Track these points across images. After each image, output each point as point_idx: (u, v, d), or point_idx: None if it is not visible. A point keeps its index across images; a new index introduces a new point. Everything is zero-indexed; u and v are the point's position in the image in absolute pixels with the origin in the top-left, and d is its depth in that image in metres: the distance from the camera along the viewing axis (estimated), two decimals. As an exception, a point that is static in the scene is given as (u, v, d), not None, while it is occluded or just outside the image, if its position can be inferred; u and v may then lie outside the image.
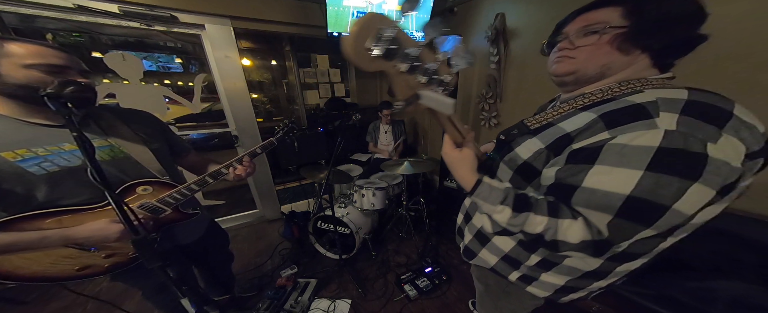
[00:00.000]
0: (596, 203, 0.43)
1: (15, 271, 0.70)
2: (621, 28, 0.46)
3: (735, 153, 0.37)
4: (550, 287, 0.63)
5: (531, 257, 0.62)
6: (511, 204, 0.51)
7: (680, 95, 0.40)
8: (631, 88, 0.47)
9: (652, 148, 0.38)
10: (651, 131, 0.39)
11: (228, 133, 2.25)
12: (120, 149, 0.80)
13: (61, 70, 0.65)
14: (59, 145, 0.69)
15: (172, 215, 0.89)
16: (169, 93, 1.97)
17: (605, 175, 0.42)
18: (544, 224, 0.47)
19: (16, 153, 0.64)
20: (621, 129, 0.41)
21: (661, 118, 0.39)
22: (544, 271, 0.61)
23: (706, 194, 0.38)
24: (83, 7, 1.51)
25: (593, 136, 0.44)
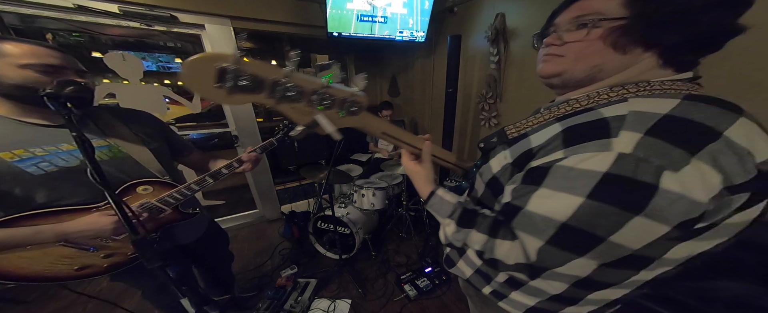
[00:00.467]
0: (532, 226, 0.40)
1: (14, 271, 0.70)
2: (618, 20, 0.38)
3: (702, 184, 0.31)
4: (521, 306, 0.59)
5: (499, 273, 0.59)
6: (456, 219, 0.51)
7: (662, 108, 0.33)
8: (620, 95, 0.40)
9: (598, 174, 0.34)
10: (602, 153, 0.34)
11: (228, 133, 2.25)
12: (119, 149, 0.80)
13: (56, 70, 0.64)
14: (57, 146, 0.69)
15: (172, 214, 0.89)
16: (169, 93, 1.97)
17: (547, 199, 0.39)
18: (482, 243, 0.47)
19: (13, 153, 0.64)
20: (574, 149, 0.37)
21: (620, 138, 0.33)
22: (513, 289, 0.58)
23: (653, 229, 0.34)
24: (83, 7, 1.51)
25: (549, 155, 0.39)
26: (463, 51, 1.98)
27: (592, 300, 0.51)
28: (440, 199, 0.56)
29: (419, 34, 2.29)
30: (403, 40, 2.29)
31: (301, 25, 2.15)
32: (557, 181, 0.38)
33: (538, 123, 0.48)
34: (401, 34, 2.24)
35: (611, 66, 0.41)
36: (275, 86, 0.41)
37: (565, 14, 0.44)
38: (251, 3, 1.92)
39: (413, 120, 3.19)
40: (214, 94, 0.38)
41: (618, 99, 0.39)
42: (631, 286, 0.47)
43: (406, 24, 2.20)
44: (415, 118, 3.16)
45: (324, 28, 2.03)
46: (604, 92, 0.41)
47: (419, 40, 2.33)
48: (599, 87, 0.43)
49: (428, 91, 2.76)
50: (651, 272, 0.44)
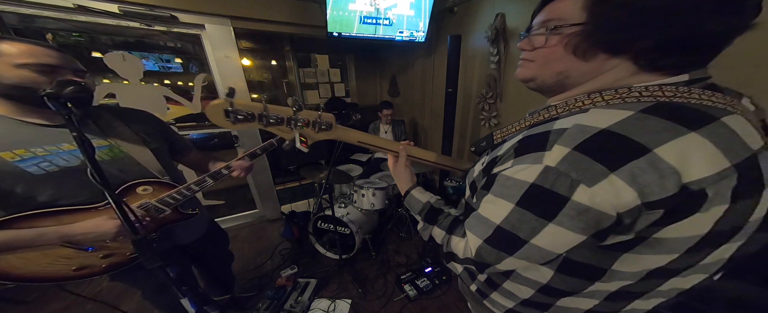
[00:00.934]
0: (477, 227, 0.46)
1: (11, 271, 0.70)
2: (576, 25, 0.37)
3: (613, 199, 0.32)
4: (501, 307, 0.61)
5: (480, 274, 0.62)
6: (423, 215, 0.59)
7: (607, 121, 0.33)
8: (591, 102, 0.39)
9: (526, 184, 0.37)
10: (533, 166, 0.37)
11: (228, 133, 2.25)
12: (119, 149, 0.80)
13: (54, 70, 0.64)
14: (58, 146, 0.69)
15: (172, 215, 0.89)
16: (169, 93, 1.97)
17: (490, 204, 0.44)
18: (441, 237, 0.54)
19: (14, 153, 0.64)
20: (518, 159, 0.39)
21: (551, 152, 0.35)
22: (493, 289, 0.61)
23: (566, 236, 0.36)
24: (83, 7, 1.51)
25: (504, 163, 0.42)
26: (463, 51, 1.98)
27: (563, 308, 0.52)
28: (412, 197, 0.64)
29: (419, 34, 2.29)
30: (403, 40, 2.29)
31: (301, 25, 2.15)
32: (499, 188, 0.42)
33: (515, 130, 0.50)
34: (401, 34, 2.24)
35: (576, 73, 0.41)
36: (261, 117, 0.58)
37: (538, 17, 0.43)
38: (251, 3, 1.92)
39: (413, 120, 3.19)
40: (226, 125, 0.56)
41: (579, 110, 0.39)
42: (596, 296, 0.47)
43: (414, 26, 2.20)
44: (415, 118, 3.16)
45: (324, 28, 2.03)
46: (580, 99, 0.40)
47: (419, 40, 2.33)
48: (578, 93, 0.42)
49: (428, 91, 2.76)
50: (607, 283, 0.44)
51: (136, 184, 0.80)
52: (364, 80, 3.51)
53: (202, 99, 2.09)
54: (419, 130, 3.18)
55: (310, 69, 3.17)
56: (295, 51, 2.96)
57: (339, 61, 3.34)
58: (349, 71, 3.43)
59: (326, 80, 3.28)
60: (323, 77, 3.25)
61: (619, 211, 0.33)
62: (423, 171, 1.96)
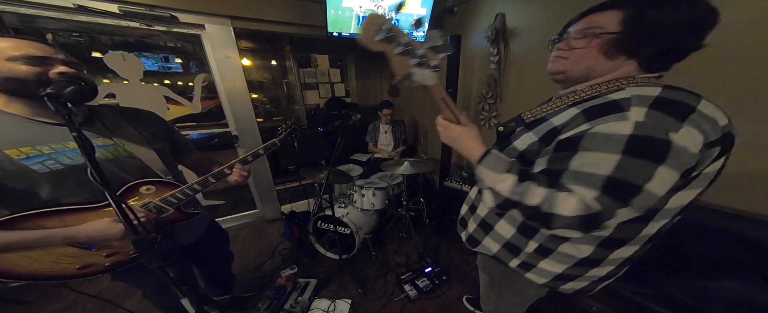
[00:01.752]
0: (582, 181, 0.47)
1: (15, 269, 0.70)
2: (612, 34, 0.50)
3: (693, 141, 0.42)
4: (548, 274, 0.65)
5: (529, 243, 0.65)
6: (517, 173, 0.54)
7: (653, 92, 0.46)
8: (617, 86, 0.51)
9: (625, 136, 0.43)
10: (623, 122, 0.44)
11: (228, 133, 2.25)
12: (124, 148, 0.80)
13: (42, 61, 0.64)
14: (64, 144, 0.69)
15: (174, 214, 0.89)
16: (169, 93, 1.97)
17: (587, 159, 0.47)
18: (543, 195, 0.50)
19: (20, 151, 0.64)
20: (598, 121, 0.47)
21: (632, 111, 0.44)
22: (542, 258, 0.64)
23: (671, 176, 0.43)
24: (83, 7, 1.51)
25: (576, 128, 0.49)
26: (463, 51, 1.98)
27: (611, 260, 0.60)
28: (496, 156, 0.57)
29: (419, 34, 2.29)
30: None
31: (301, 25, 2.15)
32: (593, 143, 0.46)
33: (552, 109, 0.59)
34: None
35: (601, 69, 0.54)
36: (399, 43, 0.55)
37: (577, 24, 0.56)
38: (251, 3, 1.92)
39: (413, 120, 3.19)
40: (369, 40, 0.53)
41: (616, 88, 0.51)
42: (640, 241, 0.57)
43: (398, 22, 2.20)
44: (415, 118, 3.16)
45: (324, 28, 2.03)
46: (603, 85, 0.53)
47: (419, 40, 2.32)
48: (598, 81, 0.55)
49: (428, 91, 2.76)
50: (656, 223, 0.54)
51: (139, 183, 0.80)
52: (364, 80, 3.50)
53: (202, 99, 2.09)
54: (419, 131, 3.18)
55: (310, 69, 3.16)
56: (295, 51, 2.96)
57: (339, 61, 3.34)
58: (349, 71, 3.43)
59: (326, 80, 3.27)
60: (323, 77, 3.25)
61: (697, 150, 0.43)
62: (423, 171, 1.96)
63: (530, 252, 0.65)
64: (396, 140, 2.77)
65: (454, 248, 2.07)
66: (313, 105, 3.29)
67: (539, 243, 0.63)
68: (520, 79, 1.85)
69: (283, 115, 3.27)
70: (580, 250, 0.59)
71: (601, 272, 0.62)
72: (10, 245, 0.66)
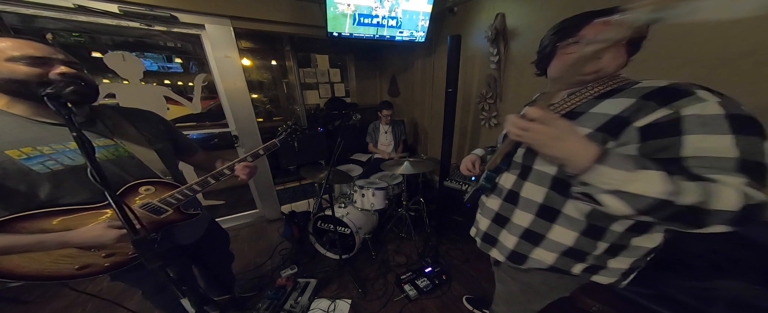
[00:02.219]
0: (716, 166, 0.42)
1: (15, 269, 0.70)
2: (640, 38, 0.56)
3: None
4: (617, 273, 0.63)
5: (598, 244, 0.60)
6: (657, 168, 0.42)
7: (668, 82, 0.50)
8: (624, 81, 0.58)
9: (722, 115, 0.42)
10: (705, 102, 0.44)
11: (228, 133, 2.25)
12: (124, 149, 0.80)
13: (42, 61, 0.64)
14: (64, 144, 0.69)
15: (174, 215, 0.89)
16: (169, 93, 1.97)
17: (701, 142, 0.43)
18: (698, 192, 0.40)
19: (21, 151, 0.64)
20: (677, 104, 0.46)
21: (698, 93, 0.45)
22: (612, 257, 0.61)
23: None
24: (83, 7, 1.51)
25: (653, 113, 0.48)
26: (463, 51, 1.98)
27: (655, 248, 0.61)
28: (619, 155, 0.45)
29: (419, 34, 2.29)
30: (403, 40, 2.29)
31: (301, 25, 2.15)
32: (698, 127, 0.44)
33: (576, 103, 0.61)
34: (401, 34, 2.24)
35: (623, 64, 0.60)
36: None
37: (590, 28, 0.57)
38: (251, 3, 1.92)
39: (413, 120, 3.19)
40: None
41: (628, 82, 0.57)
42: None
43: (415, 25, 2.20)
44: (415, 118, 3.16)
45: (324, 28, 2.03)
46: (608, 80, 0.59)
47: (419, 40, 2.33)
48: (601, 77, 0.60)
49: (428, 91, 2.76)
50: None
51: (139, 184, 0.80)
52: (364, 80, 3.50)
53: (202, 99, 2.09)
54: (419, 131, 3.18)
55: (310, 69, 3.16)
56: (295, 51, 2.95)
57: (339, 61, 3.34)
58: (349, 71, 3.43)
59: (326, 80, 3.27)
60: (323, 77, 3.25)
61: None
62: (423, 171, 1.96)
63: (599, 254, 0.61)
64: (396, 141, 2.77)
65: (454, 248, 2.07)
66: (313, 105, 3.29)
67: (610, 243, 0.59)
68: (520, 79, 1.85)
69: (283, 115, 3.27)
70: (653, 240, 0.59)
71: (646, 258, 0.64)
72: (4, 249, 0.66)
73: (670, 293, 1.16)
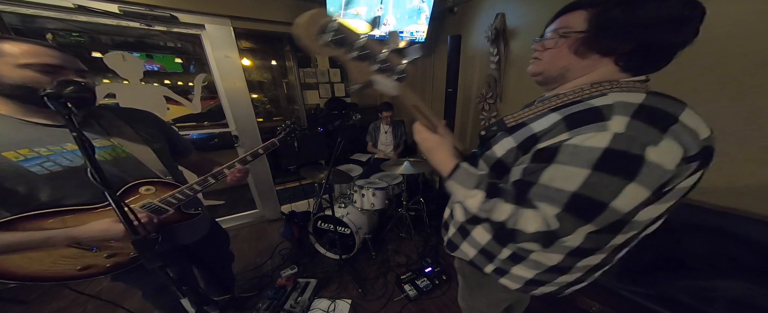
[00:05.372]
0: (546, 197, 0.46)
1: (16, 270, 0.70)
2: (580, 32, 0.49)
3: (671, 156, 0.40)
4: (520, 280, 0.66)
5: (503, 250, 0.66)
6: (485, 189, 0.53)
7: (637, 99, 0.43)
8: (600, 91, 0.49)
9: (600, 149, 0.41)
10: (602, 133, 0.41)
11: (228, 133, 2.25)
12: (122, 149, 0.80)
13: (56, 70, 0.64)
14: (61, 145, 0.69)
15: (174, 215, 0.88)
16: (169, 93, 1.97)
17: (558, 172, 0.45)
18: (509, 212, 0.50)
19: (18, 153, 0.64)
20: (577, 131, 0.44)
21: (613, 121, 0.41)
22: (514, 264, 0.65)
23: (640, 194, 0.42)
24: (83, 7, 1.51)
25: (555, 137, 0.46)
26: (463, 51, 1.98)
27: (580, 267, 0.60)
28: (466, 171, 0.56)
29: (419, 34, 2.29)
30: (403, 40, 2.29)
31: (301, 25, 2.14)
32: (567, 156, 0.44)
33: (533, 113, 0.56)
34: (401, 34, 2.24)
35: (576, 68, 0.53)
36: (353, 46, 0.49)
37: (551, 26, 0.55)
38: (251, 3, 1.92)
39: (413, 120, 3.19)
40: (312, 44, 0.46)
41: (598, 93, 0.49)
42: (608, 250, 0.56)
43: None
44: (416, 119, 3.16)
45: (324, 28, 2.03)
46: (586, 88, 0.51)
47: (419, 40, 2.33)
48: (580, 84, 0.53)
49: (428, 91, 2.76)
50: (624, 235, 0.52)
51: (138, 184, 0.80)
52: (364, 80, 3.50)
53: (202, 99, 2.09)
54: (419, 130, 3.18)
55: (310, 69, 3.16)
56: (295, 51, 2.95)
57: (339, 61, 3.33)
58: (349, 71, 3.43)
59: (326, 80, 3.27)
60: (323, 77, 3.24)
61: (674, 166, 0.41)
62: (423, 171, 1.96)
63: (504, 258, 0.66)
64: (397, 141, 2.77)
65: (454, 248, 2.07)
66: (313, 105, 3.28)
67: (512, 250, 0.64)
68: (520, 79, 1.85)
69: (283, 115, 3.27)
70: (550, 258, 0.60)
71: (570, 278, 0.63)
72: (13, 246, 0.66)
73: (670, 293, 1.16)
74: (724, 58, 1.03)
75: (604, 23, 0.46)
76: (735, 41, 1.00)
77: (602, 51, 0.49)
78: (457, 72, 1.85)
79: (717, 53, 1.04)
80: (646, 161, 0.40)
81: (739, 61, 1.01)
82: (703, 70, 1.08)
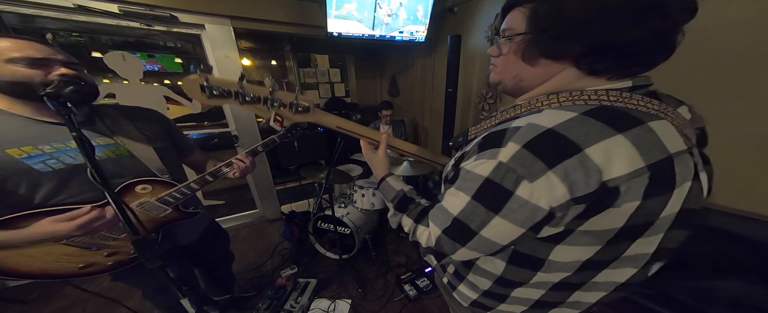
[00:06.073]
0: (437, 218, 0.47)
1: (19, 268, 0.70)
2: (522, 34, 0.42)
3: (548, 194, 0.35)
4: (467, 299, 0.65)
5: (449, 265, 0.66)
6: (395, 203, 0.59)
7: (552, 121, 0.36)
8: (548, 103, 0.42)
9: (481, 178, 0.40)
10: (489, 161, 0.39)
11: (228, 133, 2.25)
12: (124, 147, 0.80)
13: (44, 63, 0.64)
14: (65, 143, 0.69)
15: (173, 214, 0.89)
16: (169, 93, 1.97)
17: (452, 196, 0.45)
18: (408, 226, 0.56)
19: (22, 150, 0.64)
20: (480, 155, 0.41)
21: (505, 148, 0.38)
22: (459, 281, 0.64)
23: (507, 227, 0.40)
24: (83, 7, 1.51)
25: (469, 159, 0.44)
26: (463, 51, 1.98)
27: (517, 298, 0.56)
28: (388, 184, 0.65)
29: (419, 34, 2.29)
30: (403, 40, 2.29)
31: (301, 25, 2.15)
32: (461, 181, 0.44)
33: (487, 127, 0.51)
34: (401, 34, 2.24)
35: (528, 76, 0.45)
36: (238, 94, 0.58)
37: (502, 26, 0.47)
38: (251, 3, 1.92)
39: (413, 120, 3.19)
40: (204, 99, 0.57)
41: (537, 110, 0.42)
42: (542, 287, 0.52)
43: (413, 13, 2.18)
44: (415, 119, 3.16)
45: (324, 28, 2.03)
46: (540, 99, 0.43)
47: (419, 40, 2.33)
48: (538, 94, 0.45)
49: (428, 91, 2.76)
50: (549, 274, 0.48)
51: (135, 183, 0.80)
52: (364, 80, 3.50)
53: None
54: (419, 130, 3.18)
55: (310, 69, 3.16)
56: (295, 51, 2.95)
57: (339, 61, 3.33)
58: (349, 71, 3.43)
59: (326, 80, 3.27)
60: (323, 77, 3.25)
61: (552, 205, 0.36)
62: (424, 172, 1.96)
63: (451, 273, 0.66)
64: (396, 140, 2.77)
65: (454, 248, 2.07)
66: (313, 105, 3.28)
67: (455, 267, 0.64)
68: (520, 79, 1.84)
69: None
70: (480, 282, 0.59)
71: (514, 309, 0.59)
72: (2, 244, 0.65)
73: (670, 293, 1.16)
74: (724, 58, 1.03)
75: (541, 22, 0.39)
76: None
77: (550, 55, 0.41)
78: (457, 72, 1.85)
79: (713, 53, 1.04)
80: (514, 196, 0.37)
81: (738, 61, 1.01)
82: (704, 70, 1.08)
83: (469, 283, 0.62)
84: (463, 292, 0.65)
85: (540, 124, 0.37)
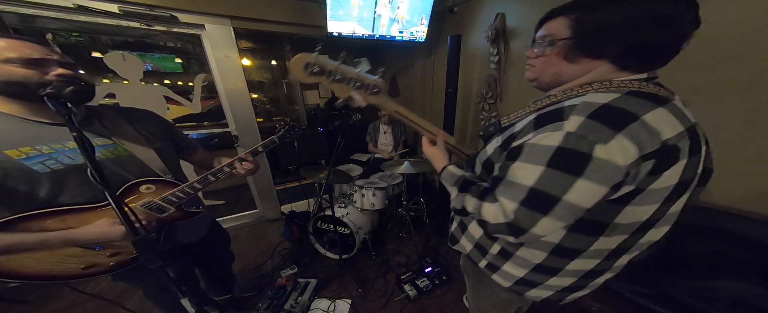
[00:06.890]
0: (508, 192, 0.50)
1: (20, 269, 0.70)
2: (566, 39, 0.51)
3: (622, 154, 0.41)
4: (511, 278, 0.68)
5: (493, 245, 0.69)
6: (458, 186, 0.63)
7: (605, 99, 0.44)
8: (581, 92, 0.50)
9: (553, 148, 0.44)
10: (555, 133, 0.45)
11: (228, 133, 2.25)
12: (123, 148, 0.80)
13: (39, 62, 0.64)
14: (63, 144, 0.69)
15: (176, 213, 0.89)
16: (169, 93, 1.97)
17: (519, 169, 0.49)
18: (473, 205, 0.57)
19: (20, 151, 0.64)
20: (540, 130, 0.47)
21: (569, 121, 0.44)
22: (505, 260, 0.68)
23: (591, 189, 0.43)
24: (83, 7, 1.51)
25: (525, 136, 0.50)
26: (463, 51, 1.98)
27: (570, 271, 0.61)
28: (449, 172, 0.69)
29: (419, 34, 2.29)
30: (403, 40, 2.29)
31: (301, 25, 2.15)
32: (527, 155, 0.48)
33: (524, 114, 0.60)
34: (401, 34, 2.24)
35: (568, 73, 0.54)
36: (331, 73, 0.67)
37: (539, 32, 0.57)
38: (251, 3, 1.92)
39: (413, 120, 3.19)
40: (302, 75, 0.66)
41: (577, 95, 0.50)
42: (598, 255, 0.57)
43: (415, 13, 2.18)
44: (415, 118, 3.16)
45: (324, 28, 2.03)
46: (574, 89, 0.52)
47: (419, 40, 2.33)
48: (572, 86, 0.54)
49: (428, 91, 2.76)
50: (609, 238, 0.53)
51: (139, 182, 0.80)
52: (364, 80, 3.50)
53: (202, 99, 2.09)
54: (419, 130, 3.18)
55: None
56: (295, 51, 2.95)
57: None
58: (349, 71, 3.43)
59: (326, 80, 3.27)
60: (323, 77, 3.24)
61: (627, 163, 0.42)
62: (423, 171, 1.96)
63: (495, 254, 0.69)
64: (396, 141, 2.77)
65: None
66: (313, 105, 3.29)
67: (501, 246, 0.67)
68: (520, 79, 1.84)
69: (283, 115, 3.28)
70: (534, 255, 0.62)
71: (563, 282, 0.63)
72: (9, 248, 0.65)
73: (670, 293, 1.16)
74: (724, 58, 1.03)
75: (585, 29, 0.48)
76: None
77: (591, 55, 0.50)
78: (457, 72, 1.85)
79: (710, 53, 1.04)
80: (593, 158, 0.42)
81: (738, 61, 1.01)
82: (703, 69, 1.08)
83: (519, 259, 0.64)
84: (507, 271, 0.68)
85: (594, 102, 0.44)
